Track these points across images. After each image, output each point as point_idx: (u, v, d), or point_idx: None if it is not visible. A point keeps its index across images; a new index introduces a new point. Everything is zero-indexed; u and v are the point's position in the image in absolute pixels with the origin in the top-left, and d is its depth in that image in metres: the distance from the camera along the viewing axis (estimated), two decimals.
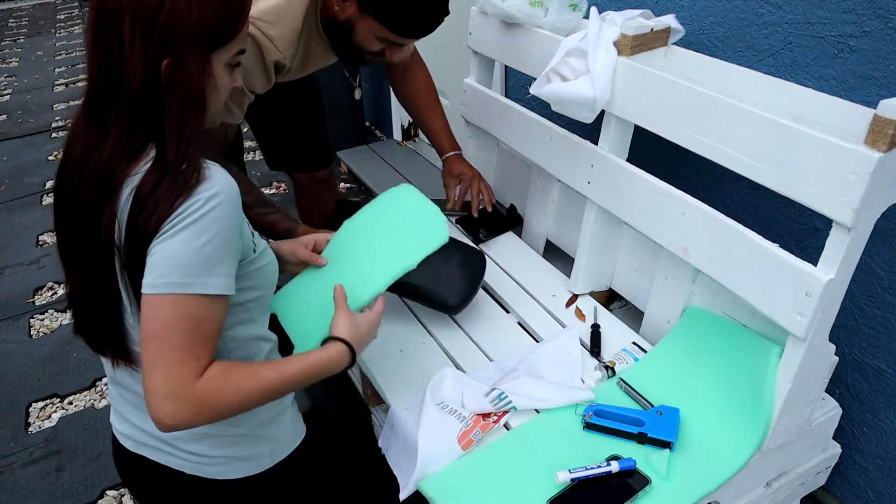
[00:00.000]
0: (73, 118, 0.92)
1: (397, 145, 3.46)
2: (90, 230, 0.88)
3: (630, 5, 1.56)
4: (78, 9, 7.91)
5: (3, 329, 2.47)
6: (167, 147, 0.85)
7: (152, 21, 0.83)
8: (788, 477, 1.32)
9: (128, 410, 1.04)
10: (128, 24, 0.83)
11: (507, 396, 1.21)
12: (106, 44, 0.84)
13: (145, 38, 0.83)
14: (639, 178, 1.35)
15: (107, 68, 0.85)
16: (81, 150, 0.89)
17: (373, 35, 1.28)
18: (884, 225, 1.24)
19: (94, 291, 0.92)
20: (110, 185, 0.86)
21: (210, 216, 0.84)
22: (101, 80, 0.86)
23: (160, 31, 0.83)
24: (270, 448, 1.04)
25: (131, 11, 0.83)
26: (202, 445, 1.00)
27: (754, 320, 1.26)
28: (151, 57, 0.83)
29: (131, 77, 0.84)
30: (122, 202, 0.86)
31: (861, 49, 1.24)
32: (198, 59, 0.86)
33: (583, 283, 1.57)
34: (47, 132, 4.29)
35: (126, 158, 0.86)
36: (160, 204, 0.82)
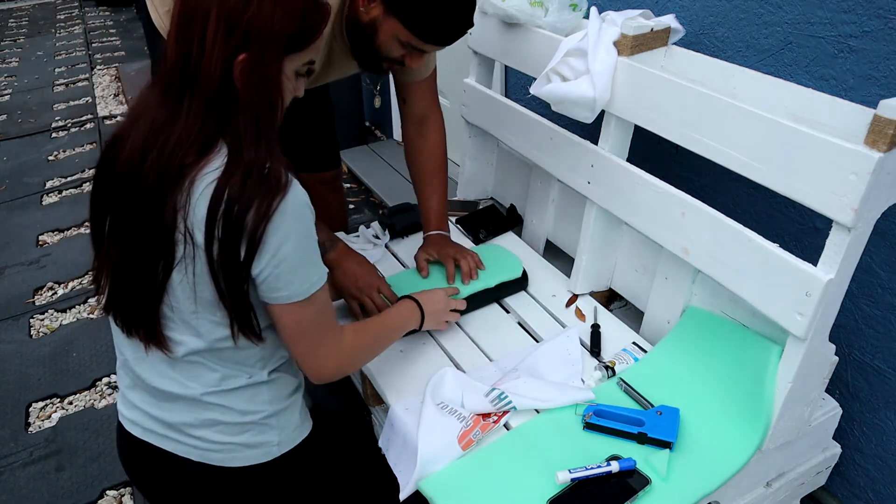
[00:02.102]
0: (141, 95, 0.96)
1: (397, 145, 3.46)
2: (146, 214, 0.90)
3: (630, 5, 1.56)
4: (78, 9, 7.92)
5: (3, 329, 2.47)
6: (244, 147, 0.90)
7: (237, 19, 0.87)
8: (788, 477, 1.32)
9: (138, 397, 1.05)
10: (213, 18, 0.87)
11: (507, 396, 1.21)
12: (189, 33, 0.88)
13: (228, 34, 0.87)
14: (639, 178, 1.35)
15: (186, 55, 0.89)
16: (147, 131, 0.91)
17: (396, 39, 1.26)
18: (884, 225, 1.24)
19: (137, 273, 0.94)
20: (175, 174, 0.89)
21: (307, 217, 0.94)
22: (180, 65, 0.90)
23: (244, 28, 0.87)
24: (278, 437, 1.06)
25: (218, 6, 0.87)
26: (211, 432, 1.02)
27: (754, 320, 1.26)
28: (231, 52, 0.88)
29: (211, 69, 0.88)
30: (195, 197, 0.88)
31: (861, 49, 1.24)
32: (273, 61, 0.91)
33: (583, 283, 1.57)
34: (47, 132, 4.29)
35: (195, 151, 0.89)
36: (254, 205, 0.87)
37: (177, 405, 1.02)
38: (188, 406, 1.02)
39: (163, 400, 1.03)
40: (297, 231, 0.92)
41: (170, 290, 0.94)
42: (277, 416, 1.06)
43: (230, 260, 0.89)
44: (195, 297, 0.93)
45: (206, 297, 0.93)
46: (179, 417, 1.02)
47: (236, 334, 0.97)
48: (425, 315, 1.33)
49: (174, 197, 0.89)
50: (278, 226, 0.89)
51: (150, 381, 1.02)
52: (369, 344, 1.17)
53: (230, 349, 0.99)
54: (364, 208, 3.05)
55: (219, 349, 0.98)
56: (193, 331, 0.97)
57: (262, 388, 1.04)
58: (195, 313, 0.95)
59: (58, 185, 3.58)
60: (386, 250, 1.77)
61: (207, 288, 0.92)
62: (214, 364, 1.00)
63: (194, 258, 0.91)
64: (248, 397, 1.03)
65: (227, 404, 1.02)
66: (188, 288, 0.93)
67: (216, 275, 0.91)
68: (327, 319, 1.03)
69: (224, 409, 1.02)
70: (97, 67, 5.53)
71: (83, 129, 4.29)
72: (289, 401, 1.08)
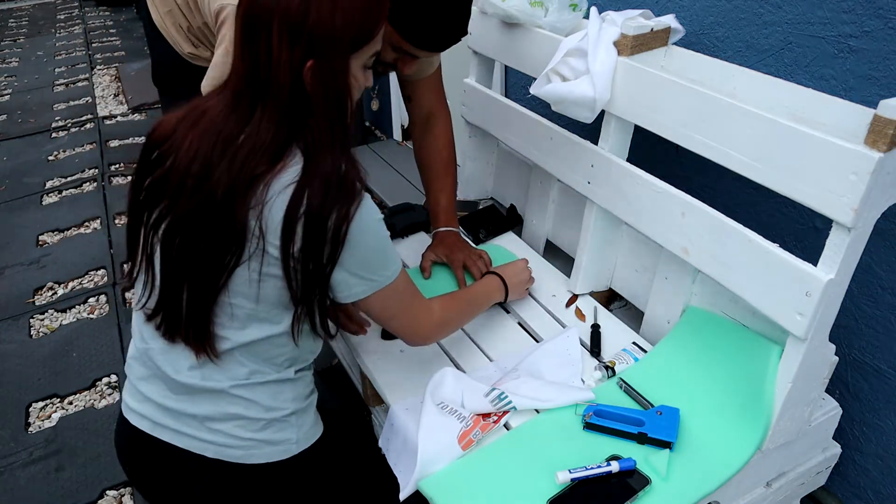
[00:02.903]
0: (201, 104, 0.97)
1: (397, 145, 3.46)
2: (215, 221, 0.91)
3: (630, 5, 1.56)
4: (78, 9, 7.92)
5: (3, 329, 2.47)
6: (320, 152, 0.91)
7: (299, 27, 0.88)
8: (788, 477, 1.32)
9: (153, 389, 1.04)
10: (276, 28, 0.88)
11: (507, 396, 1.21)
12: (254, 45, 0.90)
13: (292, 42, 0.88)
14: (639, 178, 1.35)
15: (254, 67, 0.90)
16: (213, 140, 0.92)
17: (388, 44, 1.25)
18: (884, 225, 1.24)
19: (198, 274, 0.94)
20: (247, 183, 0.90)
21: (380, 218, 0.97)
22: (248, 77, 0.91)
23: (307, 36, 0.88)
24: (297, 435, 1.07)
25: (279, 17, 0.88)
26: (232, 426, 1.02)
27: (754, 320, 1.26)
28: (298, 60, 0.89)
29: (280, 78, 0.89)
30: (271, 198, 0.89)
31: (861, 49, 1.24)
32: (340, 63, 0.92)
33: (583, 283, 1.57)
34: (47, 132, 4.29)
35: (267, 160, 0.90)
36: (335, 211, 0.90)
37: (199, 398, 1.01)
38: (212, 398, 1.01)
39: (183, 393, 1.02)
40: (375, 232, 0.96)
41: (230, 289, 0.95)
42: (297, 414, 1.07)
43: (310, 264, 0.91)
44: (258, 295, 0.95)
45: (270, 296, 0.95)
46: (200, 410, 1.01)
47: (297, 333, 0.99)
48: (509, 288, 1.43)
49: (246, 201, 0.90)
50: (358, 229, 0.92)
51: (173, 375, 1.01)
52: (457, 315, 1.27)
53: (266, 346, 1.00)
54: None
55: (255, 345, 0.99)
56: (241, 327, 0.98)
57: (286, 385, 1.05)
58: (251, 312, 0.96)
59: (58, 185, 3.58)
60: None
61: (274, 289, 0.94)
62: (246, 360, 1.01)
63: (262, 258, 0.92)
64: (273, 393, 1.04)
65: (253, 398, 1.02)
66: (252, 286, 0.94)
67: (291, 277, 0.92)
68: (413, 293, 1.11)
69: (249, 403, 1.02)
70: (97, 67, 5.53)
71: (83, 129, 4.29)
72: (307, 400, 1.10)
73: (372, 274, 0.99)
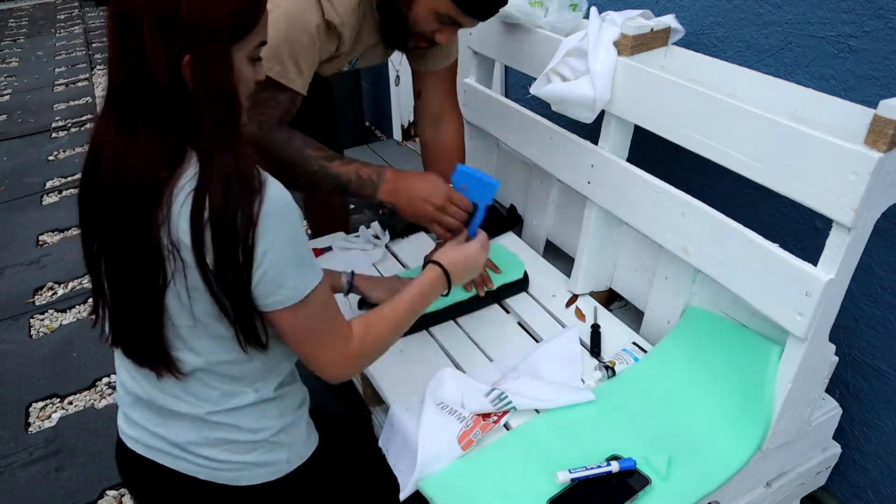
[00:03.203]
0: (97, 124, 0.91)
1: (397, 145, 3.46)
2: (134, 237, 0.86)
3: (630, 5, 1.56)
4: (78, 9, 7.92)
5: (3, 329, 2.47)
6: (213, 151, 0.85)
7: (171, 19, 0.81)
8: (788, 477, 1.32)
9: (141, 415, 1.02)
10: (147, 24, 0.81)
11: (508, 396, 1.21)
12: (126, 47, 0.83)
13: (166, 37, 0.81)
14: (639, 178, 1.35)
15: (129, 72, 0.84)
16: (111, 158, 0.87)
17: (433, 12, 1.22)
18: (884, 225, 1.24)
19: (134, 299, 0.91)
20: (153, 191, 0.85)
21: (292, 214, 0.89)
22: (124, 84, 0.85)
23: (180, 28, 0.82)
24: (288, 455, 1.04)
25: (149, 12, 0.81)
26: (219, 451, 0.99)
27: (754, 320, 1.26)
28: (174, 56, 0.82)
29: (158, 79, 0.82)
30: (176, 210, 0.84)
31: (861, 49, 1.24)
32: (219, 54, 0.85)
33: (583, 283, 1.57)
34: (47, 132, 4.29)
35: (167, 164, 0.85)
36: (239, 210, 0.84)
37: (182, 423, 0.99)
38: (194, 425, 0.99)
39: (168, 418, 1.00)
40: (284, 230, 0.88)
41: (168, 310, 0.91)
42: (286, 431, 1.03)
43: (228, 270, 0.86)
44: (192, 312, 0.90)
45: (204, 310, 0.90)
46: (185, 437, 0.99)
47: (244, 345, 0.94)
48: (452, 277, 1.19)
49: (154, 218, 0.85)
50: (265, 228, 0.85)
51: (155, 400, 0.99)
52: (382, 334, 1.06)
53: (228, 365, 0.96)
54: (364, 208, 3.04)
55: (217, 365, 0.96)
56: (189, 347, 0.94)
57: (269, 404, 1.01)
58: (192, 328, 0.92)
59: (58, 185, 3.58)
60: (386, 250, 1.77)
61: (204, 302, 0.89)
62: (213, 381, 0.97)
63: (185, 273, 0.87)
64: (258, 415, 1.00)
65: (236, 423, 0.99)
66: (183, 304, 0.90)
67: (212, 287, 0.87)
68: (328, 318, 0.98)
69: (232, 428, 0.99)
70: (97, 67, 5.53)
71: (83, 129, 4.29)
72: (297, 413, 1.06)
73: (283, 279, 0.89)
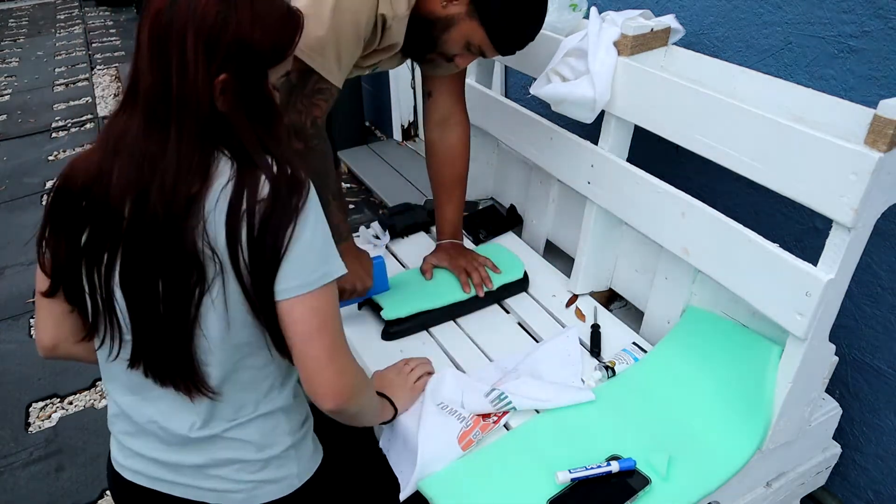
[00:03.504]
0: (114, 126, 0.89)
1: (397, 145, 3.46)
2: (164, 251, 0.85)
3: (630, 5, 1.56)
4: (78, 9, 7.92)
5: (3, 329, 2.47)
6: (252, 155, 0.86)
7: (217, 38, 0.83)
8: (788, 477, 1.32)
9: (143, 444, 1.00)
10: (191, 39, 0.82)
11: (507, 397, 1.21)
12: (165, 56, 0.83)
13: (209, 55, 0.83)
14: (639, 178, 1.35)
15: (166, 79, 0.83)
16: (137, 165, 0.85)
17: (465, 40, 1.24)
18: (884, 225, 1.24)
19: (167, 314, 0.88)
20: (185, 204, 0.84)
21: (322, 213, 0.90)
22: (160, 91, 0.84)
23: (224, 49, 0.83)
24: (298, 468, 1.03)
25: (195, 29, 0.82)
26: (230, 471, 0.98)
27: (754, 320, 1.26)
28: (214, 73, 0.83)
29: (199, 94, 0.83)
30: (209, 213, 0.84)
31: (861, 49, 1.24)
32: (259, 77, 0.88)
33: (583, 283, 1.57)
34: (47, 132, 4.29)
35: (199, 178, 0.85)
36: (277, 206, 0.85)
37: (192, 447, 0.98)
38: (205, 446, 0.97)
39: (176, 444, 0.98)
40: (318, 225, 0.89)
41: (200, 320, 0.89)
42: (295, 447, 1.02)
43: (259, 267, 0.86)
44: (227, 319, 0.89)
45: (238, 316, 0.90)
46: (196, 459, 0.98)
47: (272, 346, 0.93)
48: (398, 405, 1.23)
49: (189, 223, 0.84)
50: (304, 224, 0.86)
51: (164, 423, 0.97)
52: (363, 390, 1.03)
53: (247, 371, 0.95)
54: (364, 208, 3.05)
55: (236, 374, 0.95)
56: (216, 361, 0.92)
57: (280, 417, 1.00)
58: (222, 339, 0.91)
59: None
60: (386, 250, 1.77)
61: (239, 305, 0.89)
62: (231, 393, 0.96)
63: (223, 278, 0.87)
64: (266, 430, 0.99)
65: (245, 438, 0.98)
66: (217, 311, 0.88)
67: (245, 287, 0.87)
68: (338, 322, 0.94)
69: (241, 444, 0.98)
70: (97, 67, 5.53)
71: (83, 129, 4.29)
72: (304, 429, 1.05)
73: (313, 268, 0.89)
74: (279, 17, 0.89)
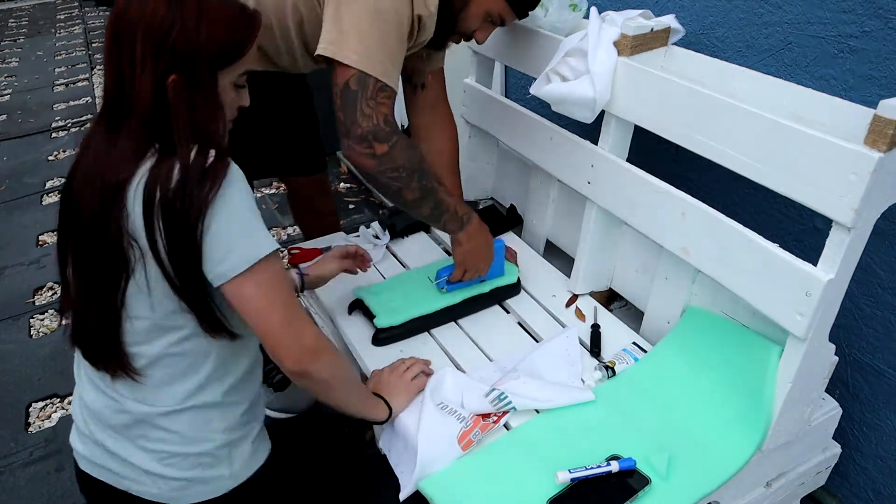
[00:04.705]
0: (89, 129, 0.96)
1: None
2: (97, 234, 0.90)
3: (630, 5, 1.56)
4: (78, 9, 7.92)
5: (3, 329, 2.47)
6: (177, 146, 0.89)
7: (163, 39, 0.87)
8: (788, 477, 1.32)
9: (89, 427, 1.03)
10: (140, 41, 0.87)
11: (507, 397, 1.21)
12: (118, 59, 0.88)
13: (156, 56, 0.87)
14: (639, 178, 1.35)
15: (119, 81, 0.89)
16: (89, 160, 0.92)
17: (484, 12, 1.31)
18: (884, 225, 1.24)
19: (96, 296, 0.94)
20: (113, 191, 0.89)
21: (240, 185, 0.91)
22: (114, 92, 0.90)
23: (170, 49, 0.87)
24: (230, 471, 1.03)
25: (143, 30, 0.87)
26: (162, 466, 1.00)
27: (754, 320, 1.26)
28: (161, 73, 0.87)
29: (142, 92, 0.88)
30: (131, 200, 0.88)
31: (861, 49, 1.24)
32: (205, 79, 0.91)
33: (583, 283, 1.57)
34: (47, 132, 4.29)
35: (128, 167, 0.89)
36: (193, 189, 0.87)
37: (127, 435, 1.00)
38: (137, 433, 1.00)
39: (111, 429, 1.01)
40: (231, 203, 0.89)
41: (127, 304, 0.93)
42: (231, 445, 1.02)
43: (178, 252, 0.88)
44: (151, 302, 0.93)
45: (161, 299, 0.93)
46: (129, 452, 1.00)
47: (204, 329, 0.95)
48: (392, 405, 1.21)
49: (113, 212, 0.89)
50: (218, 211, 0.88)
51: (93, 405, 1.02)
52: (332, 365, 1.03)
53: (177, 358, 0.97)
54: (364, 208, 3.05)
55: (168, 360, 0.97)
56: (147, 340, 0.96)
57: (213, 412, 1.01)
58: (153, 322, 0.94)
59: (58, 185, 3.58)
60: (386, 250, 1.77)
61: (162, 288, 0.92)
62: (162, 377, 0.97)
63: (145, 262, 0.90)
64: (200, 423, 1.00)
65: (173, 428, 0.99)
66: (144, 294, 0.92)
67: (167, 271, 0.90)
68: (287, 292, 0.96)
69: (169, 434, 0.99)
70: (97, 67, 5.53)
71: (83, 129, 4.29)
72: (244, 430, 1.05)
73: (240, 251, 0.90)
74: (228, 17, 0.91)
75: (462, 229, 1.40)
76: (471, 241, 1.42)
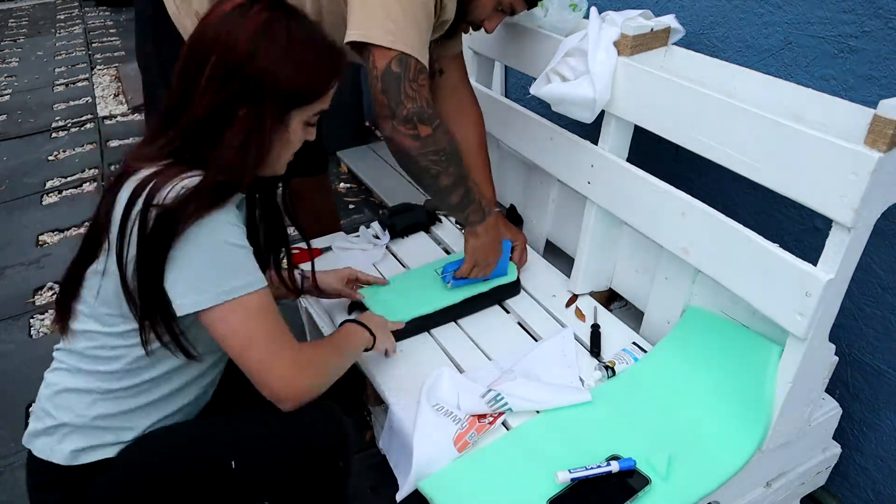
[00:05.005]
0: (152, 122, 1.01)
1: None
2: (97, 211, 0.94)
3: (630, 5, 1.56)
4: (78, 9, 7.92)
5: (3, 329, 2.47)
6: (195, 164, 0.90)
7: (237, 68, 0.86)
8: (788, 477, 1.32)
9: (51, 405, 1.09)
10: (212, 64, 0.87)
11: (503, 398, 1.21)
12: (187, 73, 0.89)
13: (223, 82, 0.87)
14: (639, 178, 1.35)
15: (182, 94, 0.90)
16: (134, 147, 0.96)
17: (496, 1, 1.32)
18: (884, 225, 1.24)
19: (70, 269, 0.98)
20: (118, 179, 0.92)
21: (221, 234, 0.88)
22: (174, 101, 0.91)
23: (241, 79, 0.86)
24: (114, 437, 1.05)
25: (218, 54, 0.86)
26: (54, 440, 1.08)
27: (754, 320, 1.26)
28: (223, 100, 0.87)
29: (196, 112, 0.88)
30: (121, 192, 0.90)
31: (861, 49, 1.24)
32: (272, 117, 0.89)
33: (583, 283, 1.57)
34: (47, 132, 4.29)
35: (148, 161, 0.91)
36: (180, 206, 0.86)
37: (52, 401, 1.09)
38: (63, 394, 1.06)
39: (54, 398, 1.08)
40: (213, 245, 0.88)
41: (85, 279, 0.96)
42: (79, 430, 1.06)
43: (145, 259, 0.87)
44: (98, 289, 0.94)
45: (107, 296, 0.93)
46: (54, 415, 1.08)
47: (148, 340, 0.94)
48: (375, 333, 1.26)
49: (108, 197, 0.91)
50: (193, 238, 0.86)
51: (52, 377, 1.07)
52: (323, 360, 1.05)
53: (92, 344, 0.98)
54: (364, 208, 3.05)
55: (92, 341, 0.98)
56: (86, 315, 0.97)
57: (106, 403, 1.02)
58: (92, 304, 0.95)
59: (58, 185, 3.58)
60: (386, 250, 1.77)
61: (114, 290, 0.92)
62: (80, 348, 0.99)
63: (108, 255, 0.91)
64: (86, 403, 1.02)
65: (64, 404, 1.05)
66: (96, 280, 0.93)
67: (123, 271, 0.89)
68: (274, 325, 0.94)
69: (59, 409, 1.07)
70: (97, 67, 5.53)
71: (83, 129, 4.29)
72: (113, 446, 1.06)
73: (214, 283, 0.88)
74: (315, 57, 0.89)
75: (483, 221, 1.41)
76: (487, 234, 1.43)
